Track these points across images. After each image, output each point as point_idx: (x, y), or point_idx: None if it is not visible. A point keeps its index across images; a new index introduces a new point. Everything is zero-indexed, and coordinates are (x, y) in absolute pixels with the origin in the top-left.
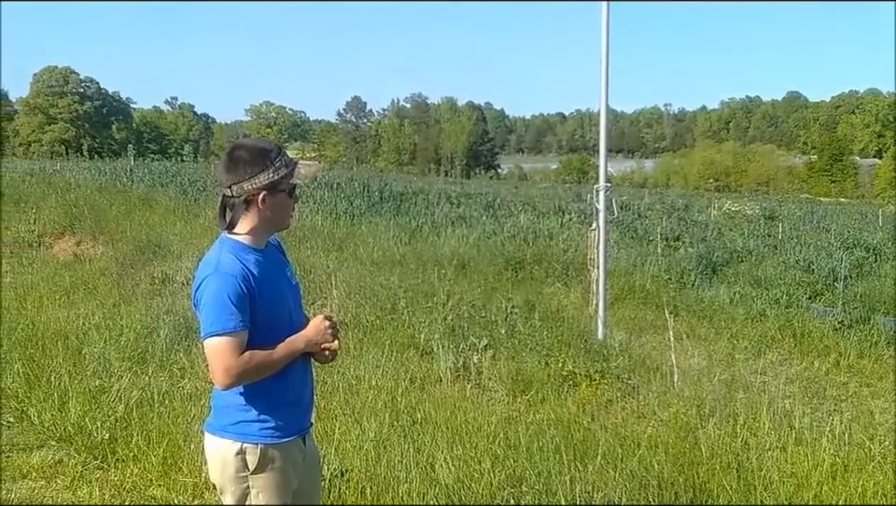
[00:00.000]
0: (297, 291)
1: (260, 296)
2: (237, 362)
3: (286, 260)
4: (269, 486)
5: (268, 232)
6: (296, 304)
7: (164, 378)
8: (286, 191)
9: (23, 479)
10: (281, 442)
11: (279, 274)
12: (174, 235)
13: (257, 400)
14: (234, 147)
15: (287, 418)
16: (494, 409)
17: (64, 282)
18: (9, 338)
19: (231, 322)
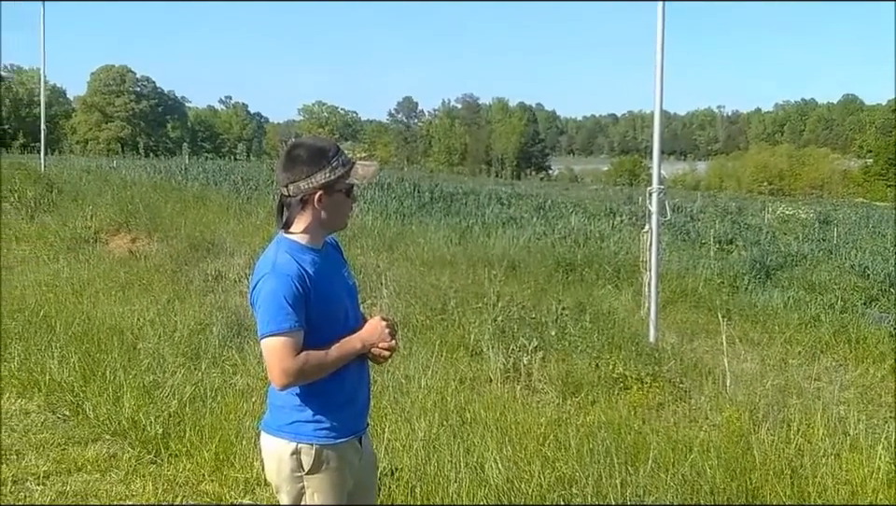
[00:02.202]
0: (354, 291)
1: (315, 296)
2: (293, 363)
3: (343, 259)
4: (324, 487)
5: (324, 232)
6: (352, 304)
7: (217, 374)
8: (342, 191)
9: (78, 472)
10: (336, 442)
11: (335, 273)
12: (227, 233)
13: (312, 401)
14: (293, 145)
15: (342, 419)
16: (544, 410)
17: (120, 278)
18: (66, 332)
19: (287, 322)
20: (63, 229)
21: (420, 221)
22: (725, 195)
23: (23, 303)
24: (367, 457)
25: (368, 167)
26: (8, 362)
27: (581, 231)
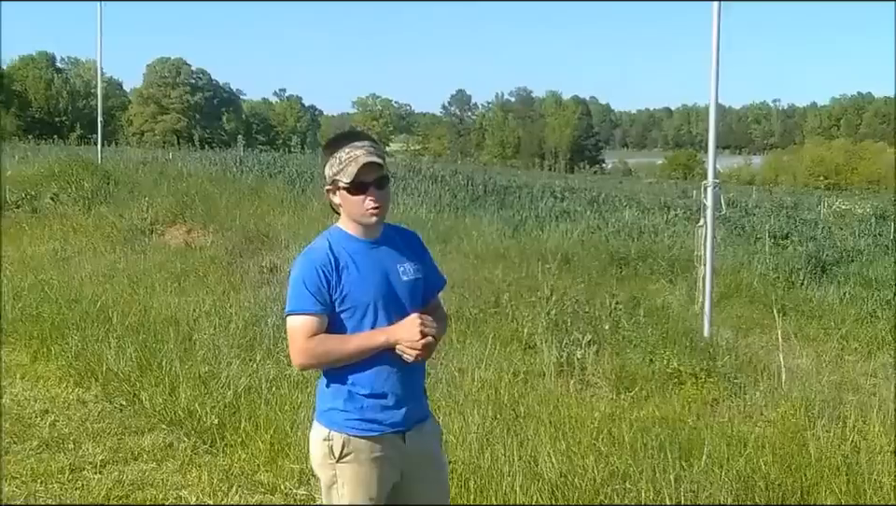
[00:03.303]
0: (411, 287)
1: (340, 285)
2: (307, 343)
3: (410, 254)
4: (352, 478)
5: (358, 224)
6: (392, 299)
7: (271, 366)
8: (345, 188)
9: (135, 461)
10: (366, 435)
11: (381, 267)
12: (281, 225)
13: (340, 390)
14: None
15: (369, 412)
16: (597, 405)
17: (176, 269)
18: (122, 323)
19: (304, 304)
20: (119, 220)
21: (473, 214)
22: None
23: (80, 294)
24: (419, 456)
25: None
26: (66, 352)
27: (634, 225)
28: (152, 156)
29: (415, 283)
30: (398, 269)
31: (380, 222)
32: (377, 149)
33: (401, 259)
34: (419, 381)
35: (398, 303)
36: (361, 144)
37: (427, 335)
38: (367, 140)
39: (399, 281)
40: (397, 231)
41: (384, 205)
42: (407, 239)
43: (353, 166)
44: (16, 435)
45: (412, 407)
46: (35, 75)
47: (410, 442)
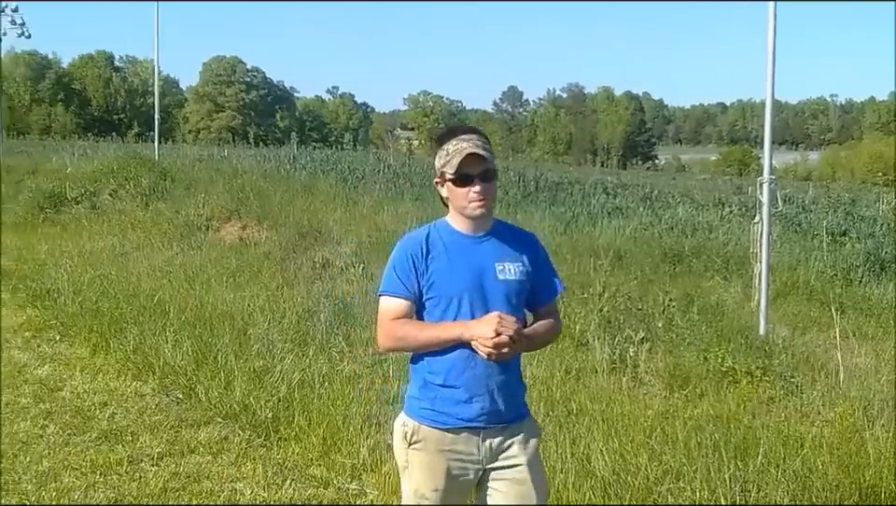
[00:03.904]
0: (504, 286)
1: (428, 273)
2: (389, 325)
3: (513, 255)
4: (420, 466)
5: (464, 217)
6: (479, 296)
7: (324, 361)
8: (451, 180)
9: (191, 453)
10: (435, 425)
11: (474, 261)
12: (334, 222)
13: (417, 377)
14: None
15: (443, 404)
16: (650, 403)
17: (231, 265)
18: (179, 317)
19: (392, 287)
20: (176, 216)
21: (525, 211)
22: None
23: (138, 289)
24: (501, 463)
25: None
26: (124, 346)
27: (688, 221)
28: (208, 153)
29: (514, 284)
30: (495, 267)
31: (485, 216)
32: (484, 143)
33: (504, 258)
34: (505, 381)
35: (486, 301)
36: (468, 137)
37: (500, 335)
38: (475, 134)
39: (494, 279)
40: (511, 230)
41: (489, 198)
42: (520, 240)
43: (457, 157)
44: (76, 427)
45: (490, 406)
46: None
47: (488, 443)
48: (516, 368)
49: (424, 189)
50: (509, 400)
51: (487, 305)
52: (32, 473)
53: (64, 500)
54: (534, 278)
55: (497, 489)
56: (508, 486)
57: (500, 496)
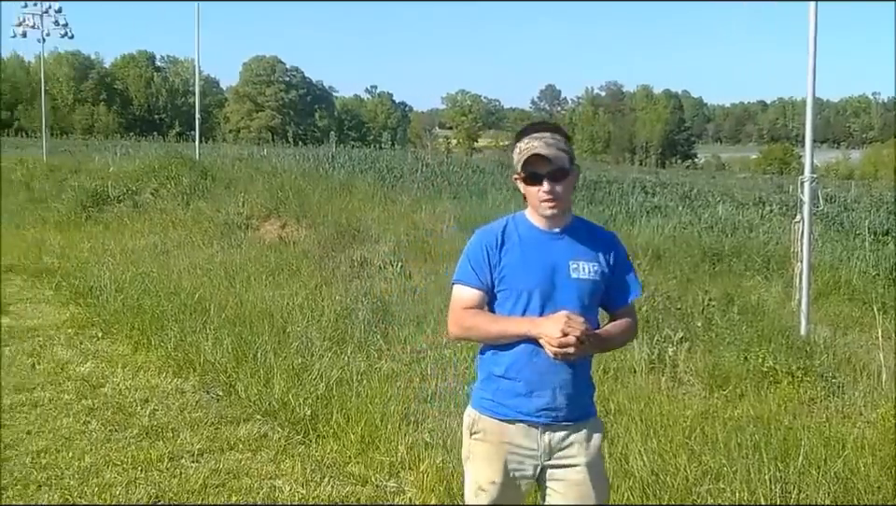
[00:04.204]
0: (576, 285)
1: (500, 266)
2: (460, 314)
3: (589, 254)
4: (479, 456)
5: (539, 214)
6: (549, 292)
7: (362, 359)
8: (521, 178)
9: (231, 450)
10: (494, 417)
11: (547, 257)
12: (372, 220)
13: (483, 368)
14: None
15: (503, 396)
16: (690, 403)
17: (270, 263)
18: (219, 315)
19: (464, 276)
20: (216, 215)
21: None
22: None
23: (179, 287)
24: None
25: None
26: (165, 343)
27: (728, 220)
28: (247, 152)
29: (587, 284)
30: (569, 265)
31: (558, 215)
32: (557, 142)
33: (579, 256)
34: (570, 379)
35: (556, 298)
36: (541, 136)
37: (567, 335)
38: (548, 132)
39: (566, 277)
40: (589, 228)
41: (558, 198)
42: (598, 239)
43: (525, 156)
44: (117, 423)
45: (551, 402)
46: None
47: (547, 439)
48: (584, 368)
49: (461, 188)
50: (572, 399)
51: (557, 303)
52: (74, 469)
53: (106, 496)
54: (610, 279)
55: (555, 490)
56: (566, 487)
57: (559, 497)
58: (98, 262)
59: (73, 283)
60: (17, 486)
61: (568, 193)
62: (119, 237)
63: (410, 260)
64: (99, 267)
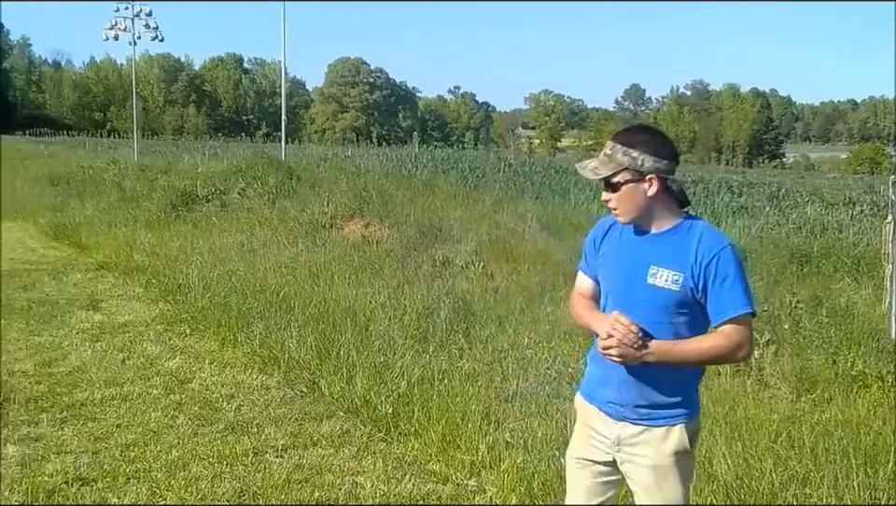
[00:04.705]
0: (650, 291)
1: (598, 258)
2: (573, 299)
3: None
4: (574, 430)
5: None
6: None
7: (444, 358)
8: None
9: (314, 446)
10: (583, 396)
11: (632, 259)
12: (454, 220)
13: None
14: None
15: (589, 380)
16: (776, 407)
17: (353, 262)
18: (303, 313)
19: (581, 263)
20: (301, 214)
21: None
22: None
23: (265, 284)
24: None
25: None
26: (251, 340)
27: (817, 221)
28: (332, 153)
29: (662, 292)
30: (648, 270)
31: (626, 222)
32: (616, 149)
33: (662, 263)
34: (636, 379)
35: (630, 300)
36: (610, 143)
37: (612, 337)
38: (611, 139)
39: (641, 282)
40: (693, 236)
41: (618, 206)
42: (699, 248)
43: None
44: (204, 418)
45: (615, 397)
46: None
47: (619, 431)
48: (657, 371)
49: (543, 188)
50: (639, 398)
51: (629, 305)
52: (162, 462)
53: (192, 489)
54: (703, 292)
55: (629, 485)
56: (635, 485)
57: (635, 495)
58: (186, 260)
59: (162, 280)
60: (106, 479)
61: (629, 200)
62: (207, 236)
63: (491, 260)
64: (187, 265)
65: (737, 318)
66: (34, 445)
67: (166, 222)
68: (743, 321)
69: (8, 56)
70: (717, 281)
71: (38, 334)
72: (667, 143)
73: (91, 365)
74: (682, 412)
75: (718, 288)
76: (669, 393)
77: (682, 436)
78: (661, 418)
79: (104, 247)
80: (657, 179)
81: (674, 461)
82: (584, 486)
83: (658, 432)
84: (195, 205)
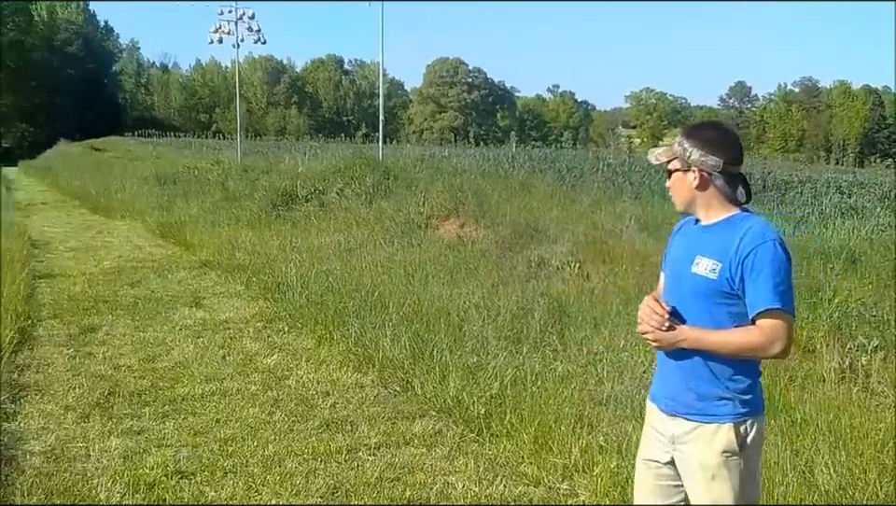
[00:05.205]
0: (691, 280)
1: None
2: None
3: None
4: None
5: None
6: (671, 282)
7: (537, 359)
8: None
9: (406, 445)
10: (648, 397)
11: (684, 249)
12: (550, 220)
13: None
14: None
15: (654, 378)
16: (883, 415)
17: (448, 262)
18: (398, 312)
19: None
20: (397, 214)
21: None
22: None
23: (360, 284)
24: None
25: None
26: (346, 338)
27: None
28: (429, 153)
29: (702, 281)
30: (692, 259)
31: (679, 208)
32: (681, 140)
33: (705, 252)
34: (684, 372)
35: (673, 289)
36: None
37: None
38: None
39: (686, 271)
40: (736, 229)
41: (673, 194)
42: (739, 240)
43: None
44: (300, 415)
45: (667, 391)
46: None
47: (672, 428)
48: (703, 364)
49: (643, 187)
50: (687, 393)
51: (676, 293)
52: (258, 457)
53: (287, 485)
54: (740, 285)
55: (684, 485)
56: (686, 484)
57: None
58: (286, 259)
59: (262, 278)
60: (204, 472)
61: (677, 188)
62: (306, 235)
63: (588, 261)
64: (286, 264)
65: (771, 314)
66: (136, 438)
67: (267, 221)
68: (779, 317)
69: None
70: (752, 274)
71: (143, 330)
72: (725, 142)
73: (192, 361)
74: (734, 410)
75: (753, 281)
76: (718, 388)
77: (731, 435)
78: (710, 415)
79: (207, 246)
80: (700, 173)
81: (723, 461)
82: (649, 488)
83: (708, 429)
84: (295, 205)
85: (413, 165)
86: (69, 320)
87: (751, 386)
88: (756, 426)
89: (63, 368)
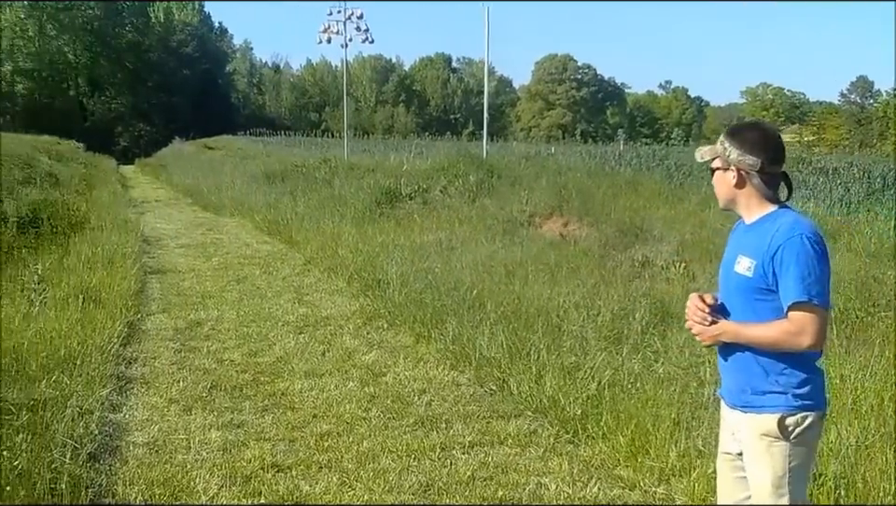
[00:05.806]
0: (734, 279)
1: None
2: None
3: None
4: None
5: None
6: (721, 282)
7: (637, 360)
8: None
9: (500, 445)
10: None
11: (732, 249)
12: (656, 219)
13: None
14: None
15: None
16: None
17: (549, 261)
18: (496, 311)
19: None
20: (500, 212)
21: (868, 210)
22: None
23: (459, 282)
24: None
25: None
26: (444, 337)
27: None
28: (535, 151)
29: (742, 279)
30: (735, 258)
31: (721, 206)
32: (722, 141)
33: (745, 251)
34: (730, 364)
35: (725, 288)
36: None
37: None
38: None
39: (730, 270)
40: (772, 225)
41: (716, 191)
42: (773, 237)
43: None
44: (395, 412)
45: (729, 386)
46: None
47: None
48: (753, 358)
49: None
50: (735, 384)
51: (725, 293)
52: (353, 453)
53: (380, 481)
54: (775, 281)
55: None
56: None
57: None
58: (387, 257)
59: (364, 276)
60: (300, 466)
61: (718, 186)
62: (409, 233)
63: (694, 261)
64: (388, 261)
65: (799, 306)
66: (235, 431)
67: (371, 219)
68: (807, 309)
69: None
70: (782, 268)
71: (247, 325)
72: (765, 142)
73: (293, 356)
74: (785, 402)
75: (783, 275)
76: (769, 383)
77: (772, 423)
78: (758, 406)
79: (311, 243)
80: (738, 171)
81: (766, 446)
82: (729, 480)
83: (756, 418)
84: (398, 203)
85: (518, 163)
86: (176, 315)
87: (805, 380)
88: (809, 421)
89: (169, 361)
